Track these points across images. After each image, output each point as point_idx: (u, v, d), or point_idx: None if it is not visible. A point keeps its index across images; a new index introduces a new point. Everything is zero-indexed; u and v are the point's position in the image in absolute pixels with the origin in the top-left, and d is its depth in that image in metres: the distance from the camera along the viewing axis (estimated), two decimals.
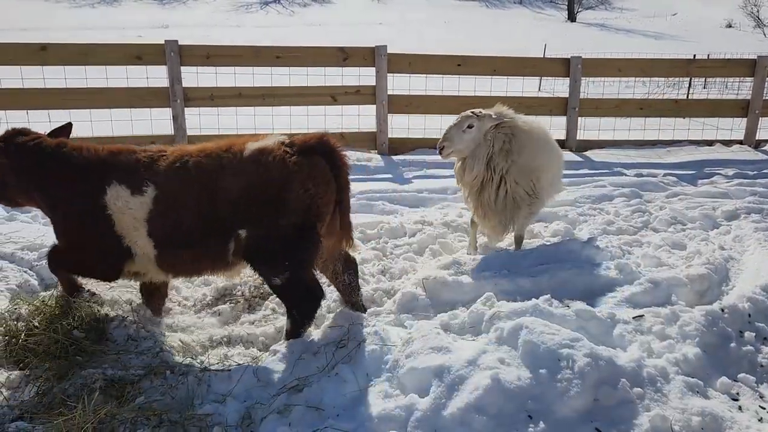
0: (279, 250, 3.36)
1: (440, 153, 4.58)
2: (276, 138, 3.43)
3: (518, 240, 4.99)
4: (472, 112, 4.55)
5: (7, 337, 3.40)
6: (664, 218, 5.96)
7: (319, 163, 3.38)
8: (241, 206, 3.30)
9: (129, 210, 3.37)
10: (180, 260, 3.48)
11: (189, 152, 3.44)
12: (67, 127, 3.85)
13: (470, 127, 4.53)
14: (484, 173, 4.59)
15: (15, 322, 3.50)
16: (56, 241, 3.65)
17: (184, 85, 8.12)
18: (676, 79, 17.31)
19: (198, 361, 3.43)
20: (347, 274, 3.91)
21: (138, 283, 3.90)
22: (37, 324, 3.46)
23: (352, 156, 8.14)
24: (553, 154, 4.84)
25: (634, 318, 3.68)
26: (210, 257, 3.45)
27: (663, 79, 17.07)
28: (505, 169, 4.56)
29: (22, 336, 3.37)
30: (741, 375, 3.30)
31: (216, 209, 3.32)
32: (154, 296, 3.93)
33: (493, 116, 4.54)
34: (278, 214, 3.30)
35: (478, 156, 4.56)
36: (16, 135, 3.61)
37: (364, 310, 3.94)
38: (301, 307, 3.53)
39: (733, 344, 3.48)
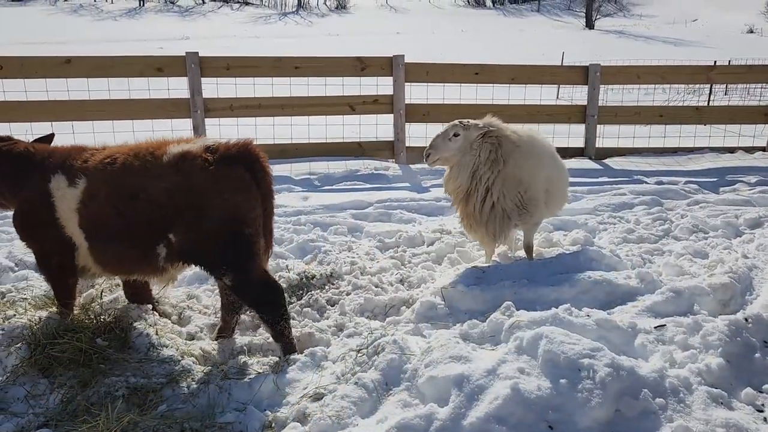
0: (211, 253, 3.41)
1: (426, 160, 4.59)
2: (202, 143, 3.45)
3: (528, 250, 4.94)
4: (459, 122, 4.53)
5: (32, 346, 3.46)
6: (685, 226, 5.89)
7: (238, 171, 3.38)
8: (165, 210, 3.35)
9: (65, 199, 3.53)
10: (107, 256, 3.58)
11: (124, 150, 3.55)
12: (50, 137, 4.08)
13: (456, 135, 4.51)
14: (468, 184, 4.56)
15: (39, 331, 3.56)
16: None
17: (204, 96, 8.23)
18: (697, 85, 17.14)
19: (218, 369, 3.46)
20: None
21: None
22: (61, 332, 3.52)
23: (369, 165, 8.23)
24: (542, 164, 4.70)
25: (655, 328, 3.64)
26: (135, 257, 3.50)
27: (683, 85, 16.91)
28: (491, 180, 4.53)
29: (47, 344, 3.42)
30: (766, 386, 3.24)
31: (136, 210, 3.39)
32: (138, 299, 4.00)
33: (481, 126, 4.51)
34: (201, 220, 3.34)
35: (464, 165, 4.55)
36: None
37: (231, 334, 3.88)
38: (263, 305, 3.53)
39: (757, 354, 3.42)
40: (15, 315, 3.78)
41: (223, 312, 3.88)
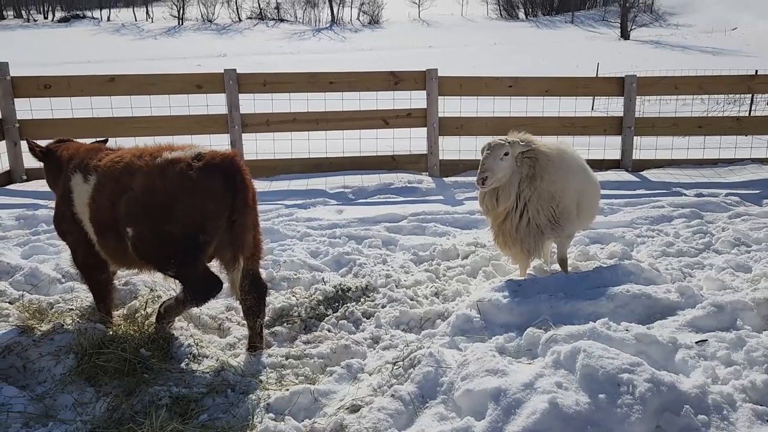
0: (162, 251, 3.52)
1: (482, 184, 4.45)
2: (193, 151, 3.56)
3: (562, 263, 4.92)
4: (502, 140, 4.48)
5: (79, 355, 3.57)
6: (727, 240, 5.76)
7: (215, 180, 3.45)
8: (136, 207, 3.50)
9: (81, 195, 3.79)
10: (111, 249, 3.78)
11: (132, 152, 3.76)
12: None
13: (506, 154, 4.46)
14: (514, 202, 4.54)
15: (86, 341, 3.67)
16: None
17: (241, 112, 8.41)
18: (737, 95, 16.76)
19: (257, 380, 3.52)
20: (252, 295, 3.88)
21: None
22: (106, 342, 3.63)
23: (403, 178, 8.27)
24: (573, 177, 4.67)
25: (697, 343, 3.57)
26: (127, 250, 3.65)
27: (723, 96, 16.56)
28: (528, 196, 4.52)
29: (93, 354, 3.53)
30: None
31: (124, 204, 3.56)
32: None
33: (522, 142, 4.49)
34: (163, 221, 3.45)
35: (513, 184, 4.52)
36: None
37: (260, 341, 3.93)
38: (195, 292, 3.60)
39: None
40: (63, 325, 3.91)
41: (246, 317, 3.97)
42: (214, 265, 3.78)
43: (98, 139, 4.51)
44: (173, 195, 3.44)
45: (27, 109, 8.17)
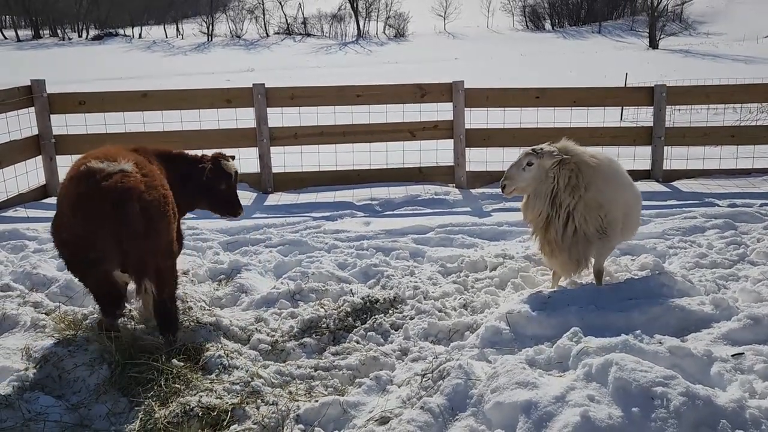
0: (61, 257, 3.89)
1: (502, 191, 4.59)
2: (117, 167, 3.62)
3: (598, 275, 4.85)
4: (532, 150, 4.51)
5: (112, 365, 3.64)
6: (762, 251, 5.63)
7: (98, 204, 3.47)
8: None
9: None
10: None
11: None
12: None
13: (530, 164, 4.49)
14: (549, 210, 4.53)
15: (118, 352, 3.74)
16: None
17: (270, 125, 8.52)
18: None
19: (286, 391, 3.54)
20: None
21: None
22: (138, 353, 3.69)
23: (430, 190, 8.28)
24: (622, 188, 4.69)
25: (732, 356, 3.49)
26: None
27: (756, 104, 16.23)
28: (572, 205, 4.49)
29: (126, 364, 3.59)
30: None
31: None
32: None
33: (555, 153, 4.47)
34: (59, 227, 3.77)
35: (540, 193, 4.52)
36: None
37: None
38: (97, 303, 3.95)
39: None
40: (96, 336, 3.98)
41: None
42: None
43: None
44: (70, 205, 3.61)
45: (63, 125, 8.39)
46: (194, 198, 4.66)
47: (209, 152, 4.78)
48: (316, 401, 3.39)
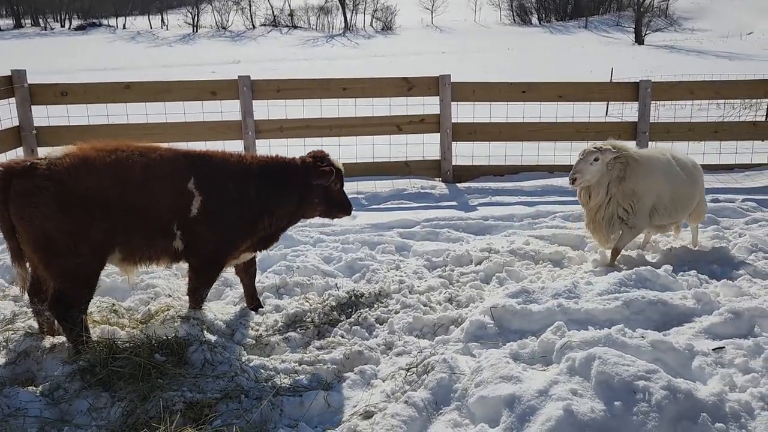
0: None
1: (572, 183, 5.25)
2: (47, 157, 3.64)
3: (615, 252, 5.41)
4: (595, 147, 5.17)
5: (93, 361, 3.59)
6: (743, 246, 5.70)
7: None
8: None
9: None
10: None
11: None
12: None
13: (596, 160, 5.14)
14: (604, 197, 5.26)
15: (100, 346, 3.69)
16: None
17: (255, 118, 8.45)
18: (754, 100, 16.58)
19: (270, 385, 3.52)
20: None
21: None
22: (120, 348, 3.65)
23: (416, 184, 8.27)
24: (657, 180, 5.29)
25: (714, 350, 3.54)
26: None
27: (739, 100, 16.40)
28: (614, 193, 5.24)
29: (108, 359, 3.55)
30: None
31: None
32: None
33: (613, 150, 5.15)
34: None
35: (602, 184, 5.23)
36: None
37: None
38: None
39: None
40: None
41: None
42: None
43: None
44: None
45: (44, 116, 8.27)
46: (306, 204, 4.38)
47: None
48: (301, 396, 3.38)
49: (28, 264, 3.73)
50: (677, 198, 5.44)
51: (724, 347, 3.55)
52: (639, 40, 55.58)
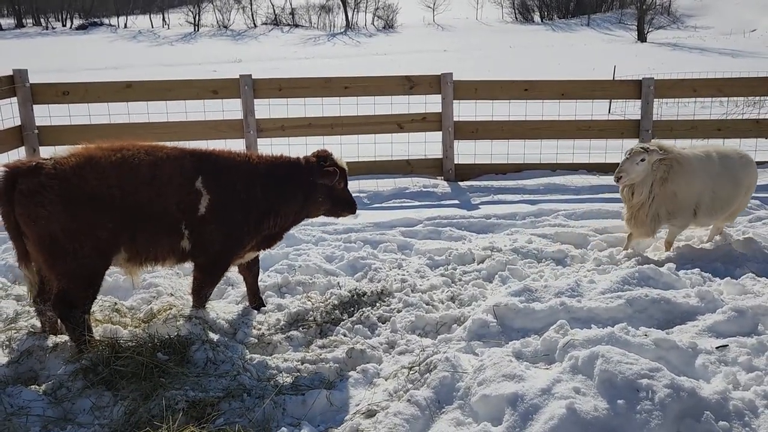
0: None
1: (617, 182, 5.38)
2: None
3: (668, 245, 5.71)
4: (642, 148, 5.31)
5: (96, 360, 3.59)
6: (747, 243, 5.68)
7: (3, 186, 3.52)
8: None
9: None
10: None
11: None
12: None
13: (642, 160, 5.25)
14: (647, 195, 5.39)
15: (103, 345, 3.70)
16: None
17: (257, 117, 8.45)
18: (757, 98, 16.52)
19: (273, 384, 3.52)
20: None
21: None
22: (123, 347, 3.65)
23: (418, 182, 8.26)
24: (699, 181, 5.42)
25: (717, 348, 3.53)
26: None
27: (742, 98, 16.33)
28: (657, 192, 5.38)
29: (110, 358, 3.55)
30: None
31: None
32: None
33: (659, 151, 5.29)
34: None
35: (646, 183, 5.35)
36: None
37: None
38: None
39: None
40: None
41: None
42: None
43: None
44: None
45: (46, 115, 8.27)
46: (311, 203, 4.38)
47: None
48: (303, 394, 3.38)
49: (34, 265, 3.73)
50: (718, 199, 5.54)
51: (727, 345, 3.54)
52: (641, 37, 55.42)
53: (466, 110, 8.99)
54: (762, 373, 3.28)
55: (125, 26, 75.56)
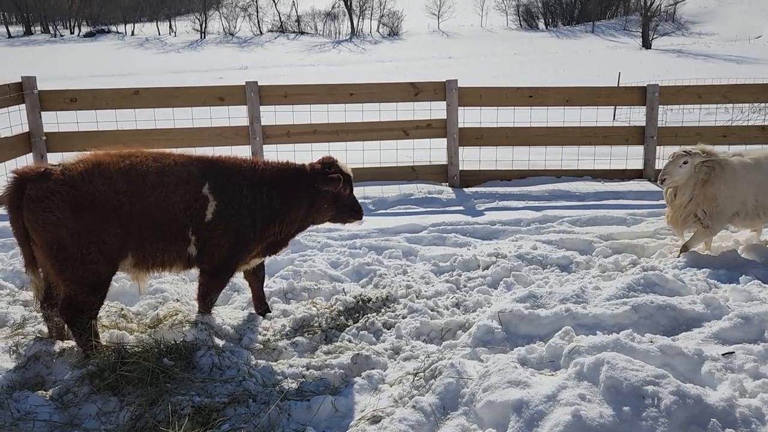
0: None
1: (662, 184, 5.56)
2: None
3: (683, 249, 5.67)
4: (685, 151, 5.44)
5: (102, 365, 3.61)
6: (753, 249, 5.66)
7: (8, 193, 3.57)
8: None
9: None
10: None
11: None
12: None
13: (685, 163, 5.40)
14: (689, 197, 5.49)
15: (109, 350, 3.71)
16: None
17: (262, 124, 8.49)
18: (762, 104, 16.47)
19: (278, 390, 3.53)
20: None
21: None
22: (129, 352, 3.67)
23: (423, 189, 8.27)
24: (742, 188, 5.47)
25: (723, 355, 3.51)
26: None
27: (747, 104, 16.29)
28: (696, 194, 5.48)
29: (116, 364, 3.57)
30: None
31: None
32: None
33: (702, 154, 5.41)
34: None
35: (688, 185, 5.48)
36: None
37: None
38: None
39: None
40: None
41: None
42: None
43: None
44: None
45: (54, 122, 8.33)
46: (316, 210, 4.40)
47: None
48: (308, 400, 3.38)
49: (41, 271, 3.76)
50: (761, 205, 5.56)
51: (733, 352, 3.53)
52: (646, 44, 55.38)
53: (470, 117, 9.01)
54: None
55: (132, 33, 75.98)
